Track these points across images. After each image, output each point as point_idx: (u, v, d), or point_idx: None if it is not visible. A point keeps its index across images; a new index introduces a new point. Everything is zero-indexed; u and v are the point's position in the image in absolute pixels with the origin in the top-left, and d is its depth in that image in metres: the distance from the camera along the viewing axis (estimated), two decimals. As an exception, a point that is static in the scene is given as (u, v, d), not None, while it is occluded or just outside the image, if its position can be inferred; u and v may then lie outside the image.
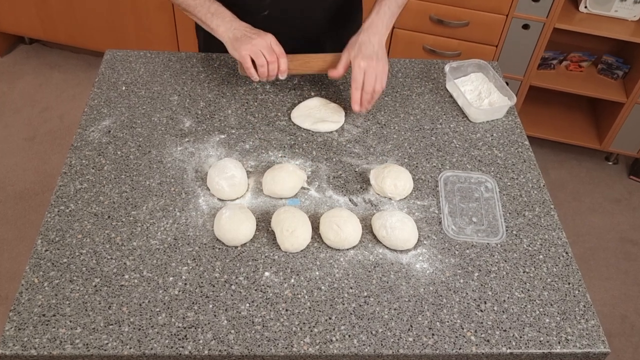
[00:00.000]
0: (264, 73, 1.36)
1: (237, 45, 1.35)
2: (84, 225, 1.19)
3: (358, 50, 1.35)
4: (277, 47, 1.37)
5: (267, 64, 1.35)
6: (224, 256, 1.15)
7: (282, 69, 1.37)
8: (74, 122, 2.84)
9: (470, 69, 1.60)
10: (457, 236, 1.21)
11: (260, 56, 1.34)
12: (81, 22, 2.96)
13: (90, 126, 1.40)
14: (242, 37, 1.36)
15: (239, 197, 1.26)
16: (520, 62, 2.57)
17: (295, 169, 1.28)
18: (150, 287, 1.09)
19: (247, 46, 1.34)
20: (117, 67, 1.57)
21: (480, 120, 1.49)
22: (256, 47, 1.34)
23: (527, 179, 1.35)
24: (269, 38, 1.37)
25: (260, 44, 1.35)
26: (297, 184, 1.26)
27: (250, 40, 1.35)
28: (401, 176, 1.27)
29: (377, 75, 1.34)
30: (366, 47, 1.35)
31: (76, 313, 1.05)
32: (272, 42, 1.36)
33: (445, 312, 1.08)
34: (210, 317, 1.05)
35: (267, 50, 1.35)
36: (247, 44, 1.35)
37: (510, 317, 1.08)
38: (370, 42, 1.36)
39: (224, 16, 1.39)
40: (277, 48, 1.37)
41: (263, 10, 1.48)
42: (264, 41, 1.35)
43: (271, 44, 1.36)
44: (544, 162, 2.90)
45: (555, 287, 1.14)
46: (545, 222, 1.26)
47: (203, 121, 1.43)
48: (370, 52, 1.34)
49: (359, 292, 1.11)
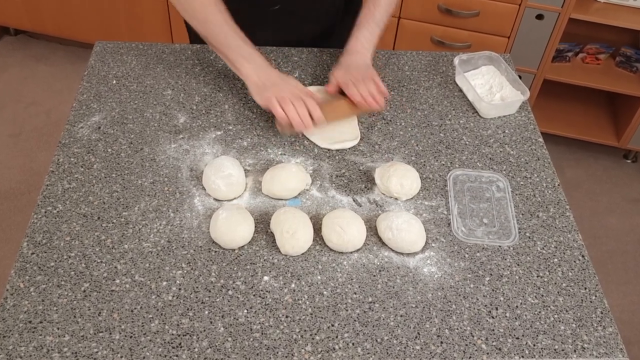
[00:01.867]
0: (296, 119, 1.28)
1: (262, 90, 1.33)
2: (73, 226, 1.19)
3: (347, 71, 1.40)
4: (304, 93, 1.33)
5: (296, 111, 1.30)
6: (221, 260, 1.15)
7: (315, 115, 1.30)
8: (62, 118, 2.85)
9: (480, 62, 1.60)
10: (467, 238, 1.21)
11: (287, 102, 1.29)
12: (69, 12, 2.96)
13: (79, 122, 1.40)
14: (268, 81, 1.33)
15: (237, 197, 1.26)
16: (534, 55, 2.57)
17: (299, 170, 1.28)
18: (142, 292, 1.09)
19: (272, 89, 1.32)
20: (107, 60, 1.57)
21: (492, 116, 1.49)
22: (282, 92, 1.30)
23: (541, 178, 1.35)
24: (295, 83, 1.35)
25: (286, 90, 1.31)
26: (299, 186, 1.26)
27: (275, 86, 1.32)
28: (408, 175, 1.27)
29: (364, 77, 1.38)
30: (349, 66, 1.41)
31: (64, 320, 1.05)
32: (298, 88, 1.34)
33: (455, 319, 1.08)
34: (206, 324, 1.05)
35: (294, 96, 1.30)
36: (272, 87, 1.32)
37: (524, 324, 1.08)
38: (353, 62, 1.42)
39: (254, 60, 1.36)
40: (304, 95, 1.32)
41: (274, 4, 1.48)
42: (290, 86, 1.33)
43: (297, 90, 1.32)
44: (559, 160, 2.90)
45: (571, 293, 1.14)
46: (560, 223, 1.26)
47: (198, 117, 1.43)
48: (353, 68, 1.40)
49: (363, 297, 1.11)
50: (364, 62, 1.41)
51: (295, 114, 1.28)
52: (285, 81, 1.35)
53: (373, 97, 1.35)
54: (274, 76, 1.35)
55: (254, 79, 1.34)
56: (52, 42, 3.33)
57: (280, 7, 1.49)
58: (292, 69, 1.57)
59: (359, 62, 1.41)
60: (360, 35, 1.44)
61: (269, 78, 1.34)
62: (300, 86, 1.35)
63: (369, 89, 1.36)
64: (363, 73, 1.38)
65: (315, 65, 1.59)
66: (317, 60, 1.60)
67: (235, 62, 1.36)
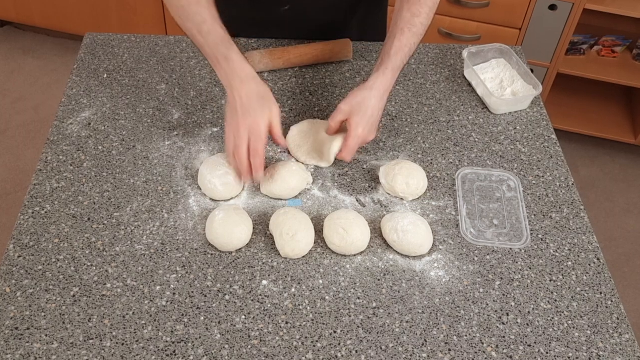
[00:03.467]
0: (240, 170, 1.21)
1: (228, 119, 1.22)
2: (62, 228, 1.19)
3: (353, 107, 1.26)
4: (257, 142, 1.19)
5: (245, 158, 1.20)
6: (217, 263, 1.15)
7: (255, 170, 1.20)
8: (50, 114, 2.85)
9: (491, 55, 1.60)
10: (476, 240, 1.21)
11: (242, 147, 1.19)
12: (58, 3, 2.96)
13: (68, 118, 1.40)
14: (238, 108, 1.21)
15: (234, 197, 1.26)
16: (547, 47, 2.57)
17: (299, 169, 1.28)
18: (135, 297, 1.09)
19: (234, 125, 1.20)
20: (98, 53, 1.57)
21: (502, 112, 1.49)
22: (240, 133, 1.19)
23: (555, 177, 1.35)
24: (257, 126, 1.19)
25: (244, 132, 1.19)
26: (300, 185, 1.26)
27: (239, 120, 1.20)
28: (414, 174, 1.27)
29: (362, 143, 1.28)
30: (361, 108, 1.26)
31: (52, 326, 1.05)
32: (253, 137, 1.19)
33: (463, 325, 1.08)
34: (201, 330, 1.05)
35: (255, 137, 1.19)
36: (234, 123, 1.20)
37: (536, 330, 1.08)
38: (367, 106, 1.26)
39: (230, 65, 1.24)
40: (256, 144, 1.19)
41: (284, 4, 1.48)
42: (259, 126, 1.19)
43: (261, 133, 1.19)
44: (573, 158, 2.90)
45: (586, 297, 1.14)
46: (575, 224, 1.26)
47: (194, 113, 1.43)
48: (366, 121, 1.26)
49: (367, 302, 1.11)
50: (374, 104, 1.26)
51: (244, 163, 1.19)
52: (252, 113, 1.20)
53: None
54: (246, 97, 1.21)
55: (228, 96, 1.23)
56: (40, 34, 3.33)
57: (290, 7, 1.49)
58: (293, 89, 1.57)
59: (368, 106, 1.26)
60: (383, 68, 1.28)
61: (241, 100, 1.21)
62: (262, 126, 1.19)
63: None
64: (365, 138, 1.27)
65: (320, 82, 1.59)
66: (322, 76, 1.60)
67: (212, 65, 1.26)
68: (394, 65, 1.27)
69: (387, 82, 1.27)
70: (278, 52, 1.52)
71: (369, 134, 1.27)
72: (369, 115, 1.25)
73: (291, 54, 1.53)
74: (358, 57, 1.59)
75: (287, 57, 1.53)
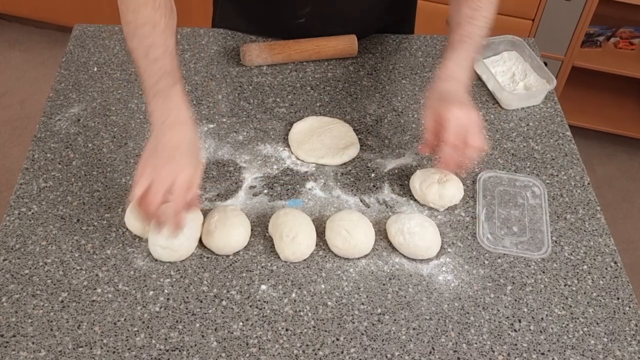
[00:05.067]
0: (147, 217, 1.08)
1: (147, 161, 1.08)
2: (49, 230, 1.19)
3: (441, 99, 1.20)
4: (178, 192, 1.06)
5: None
6: (213, 267, 1.15)
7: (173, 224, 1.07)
8: (37, 110, 2.85)
9: (502, 47, 1.59)
10: (494, 248, 1.20)
11: (159, 192, 1.05)
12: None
13: (56, 114, 1.40)
14: (160, 154, 1.08)
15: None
16: (561, 39, 2.57)
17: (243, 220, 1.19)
18: (126, 303, 1.09)
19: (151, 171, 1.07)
20: (87, 45, 1.57)
21: (514, 107, 1.49)
22: (158, 181, 1.05)
23: (569, 176, 1.35)
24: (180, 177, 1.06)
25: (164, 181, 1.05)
26: (245, 238, 1.19)
27: (160, 166, 1.07)
28: (451, 185, 1.25)
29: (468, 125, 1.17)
30: (450, 96, 1.20)
31: (40, 333, 1.05)
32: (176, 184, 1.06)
33: (473, 332, 1.08)
34: (197, 337, 1.05)
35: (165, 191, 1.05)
36: (153, 169, 1.07)
37: (550, 338, 1.08)
38: (454, 92, 1.21)
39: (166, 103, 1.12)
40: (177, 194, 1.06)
41: (304, 6, 1.48)
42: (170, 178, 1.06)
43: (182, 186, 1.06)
44: (589, 156, 2.89)
45: (602, 303, 1.14)
46: (591, 226, 1.26)
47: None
48: (455, 100, 1.19)
49: (372, 308, 1.11)
50: (461, 93, 1.21)
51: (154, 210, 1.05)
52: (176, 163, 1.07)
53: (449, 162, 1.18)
54: (171, 146, 1.09)
55: (152, 138, 1.12)
56: (27, 26, 3.33)
57: (310, 9, 1.48)
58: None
59: (456, 92, 1.21)
60: (455, 55, 1.24)
61: (164, 147, 1.09)
62: (184, 177, 1.07)
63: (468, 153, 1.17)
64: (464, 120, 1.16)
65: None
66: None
67: (146, 96, 1.15)
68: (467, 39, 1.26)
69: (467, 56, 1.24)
70: (278, 47, 1.52)
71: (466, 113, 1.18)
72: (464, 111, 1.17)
73: (292, 49, 1.53)
74: (362, 50, 1.59)
75: (288, 52, 1.52)
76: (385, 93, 1.48)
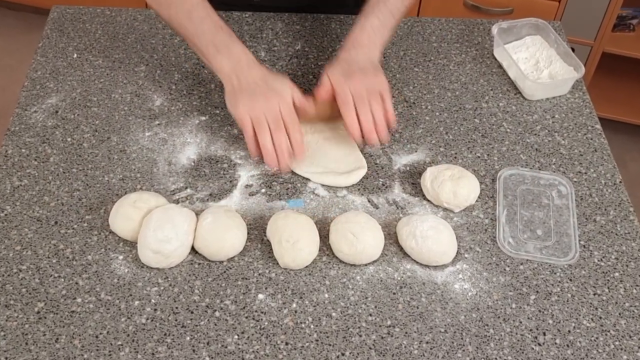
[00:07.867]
0: (270, 155, 1.21)
1: (238, 100, 1.24)
2: (24, 233, 1.19)
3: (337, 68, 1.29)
4: (289, 112, 1.23)
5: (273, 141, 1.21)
6: (206, 274, 1.15)
7: (296, 152, 1.23)
8: (11, 101, 2.84)
9: (525, 31, 1.59)
10: (516, 253, 1.20)
11: (263, 127, 1.21)
12: (20, -29, 2.96)
13: (31, 105, 1.40)
14: (247, 87, 1.24)
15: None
16: (590, 22, 2.57)
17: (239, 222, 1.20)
18: (109, 314, 1.09)
19: (250, 101, 1.23)
20: (66, 29, 1.57)
21: (538, 98, 1.49)
22: (261, 110, 1.22)
23: (599, 174, 1.34)
24: (283, 91, 1.25)
25: (266, 108, 1.22)
26: (241, 241, 1.20)
27: (254, 96, 1.23)
28: (465, 183, 1.25)
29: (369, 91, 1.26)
30: (349, 64, 1.29)
31: (13, 347, 1.05)
32: (285, 102, 1.23)
33: (493, 346, 1.08)
34: (187, 352, 1.05)
35: (274, 119, 1.21)
36: (251, 99, 1.23)
37: (577, 352, 1.08)
38: (355, 59, 1.30)
39: (233, 52, 1.28)
40: (289, 116, 1.23)
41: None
42: (273, 101, 1.22)
43: (282, 107, 1.23)
44: (621, 151, 2.89)
45: (636, 314, 1.13)
46: (622, 229, 1.25)
47: (178, 99, 1.43)
48: (355, 69, 1.28)
49: (381, 320, 1.11)
50: (369, 60, 1.31)
51: (270, 148, 1.21)
52: (271, 89, 1.24)
53: (376, 129, 1.26)
54: (258, 78, 1.25)
55: (232, 81, 1.26)
56: (0, 8, 3.33)
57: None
58: (294, 39, 1.56)
59: (363, 59, 1.31)
60: (368, 23, 1.33)
61: (250, 82, 1.24)
62: (287, 99, 1.24)
63: (374, 114, 1.26)
64: (369, 81, 1.27)
65: (322, 35, 1.59)
66: (324, 29, 1.60)
67: (207, 54, 1.29)
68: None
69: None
70: None
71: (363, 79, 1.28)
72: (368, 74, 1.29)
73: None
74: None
75: None
76: (396, 82, 1.48)
